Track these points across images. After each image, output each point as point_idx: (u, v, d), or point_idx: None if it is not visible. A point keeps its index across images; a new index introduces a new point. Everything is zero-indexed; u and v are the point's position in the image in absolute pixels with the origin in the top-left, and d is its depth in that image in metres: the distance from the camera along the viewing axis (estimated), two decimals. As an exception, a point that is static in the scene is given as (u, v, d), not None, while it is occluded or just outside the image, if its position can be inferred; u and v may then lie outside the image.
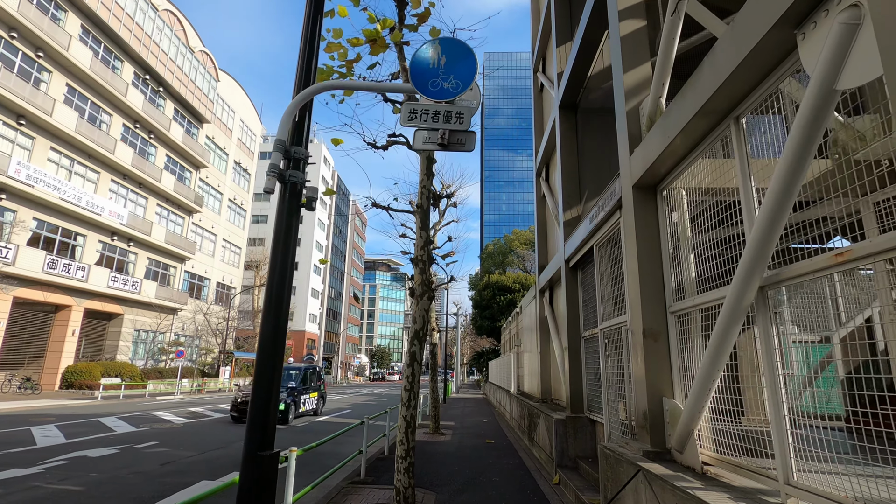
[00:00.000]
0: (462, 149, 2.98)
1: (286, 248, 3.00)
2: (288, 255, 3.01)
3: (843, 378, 2.95)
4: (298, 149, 3.13)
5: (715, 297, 3.75)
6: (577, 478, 6.73)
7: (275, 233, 3.03)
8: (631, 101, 5.19)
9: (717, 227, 3.81)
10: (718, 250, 3.84)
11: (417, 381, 5.83)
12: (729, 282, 3.63)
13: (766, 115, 3.21)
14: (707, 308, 4.04)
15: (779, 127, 3.17)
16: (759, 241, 2.91)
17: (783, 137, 3.01)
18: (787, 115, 3.05)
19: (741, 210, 3.44)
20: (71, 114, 24.97)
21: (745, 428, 3.54)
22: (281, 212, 3.06)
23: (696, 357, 4.18)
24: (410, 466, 5.58)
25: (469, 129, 3.03)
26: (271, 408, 2.77)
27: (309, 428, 14.00)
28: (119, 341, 29.79)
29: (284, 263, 2.99)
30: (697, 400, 3.65)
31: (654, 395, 4.45)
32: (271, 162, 2.98)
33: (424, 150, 3.39)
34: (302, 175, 3.12)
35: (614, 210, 5.71)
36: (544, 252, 11.90)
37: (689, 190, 4.39)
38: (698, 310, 4.19)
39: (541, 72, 12.41)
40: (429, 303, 6.10)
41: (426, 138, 3.04)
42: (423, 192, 6.40)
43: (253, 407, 2.74)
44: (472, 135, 3.05)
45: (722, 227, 3.79)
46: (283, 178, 3.04)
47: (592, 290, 7.21)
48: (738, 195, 3.48)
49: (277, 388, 2.82)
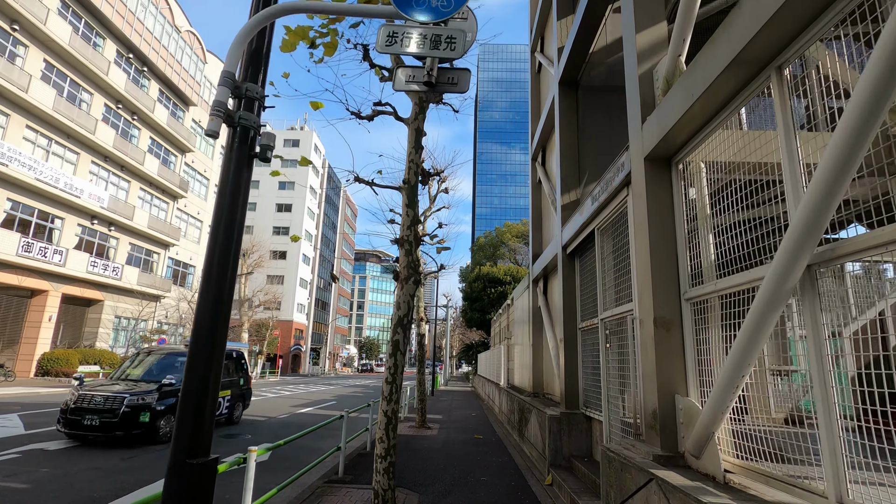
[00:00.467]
0: (454, 89, 2.42)
1: (233, 207, 2.42)
2: (236, 215, 2.44)
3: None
4: (253, 86, 2.54)
5: (742, 281, 3.24)
6: (571, 479, 6.24)
7: (220, 187, 2.46)
8: (644, 63, 4.64)
9: (746, 200, 3.29)
10: (746, 227, 3.32)
11: (400, 372, 5.29)
12: (760, 263, 3.13)
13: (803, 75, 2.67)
14: (730, 294, 3.53)
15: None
16: (814, 205, 2.38)
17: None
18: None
19: (781, 177, 2.92)
20: (48, 91, 23.95)
21: (772, 429, 3.04)
22: (228, 162, 2.48)
23: (715, 349, 3.67)
24: (391, 466, 5.05)
25: (463, 68, 2.47)
26: (206, 405, 2.20)
27: (291, 420, 13.44)
28: (99, 328, 28.91)
29: (231, 225, 2.41)
30: (721, 398, 3.14)
31: (665, 391, 3.94)
32: (216, 98, 2.40)
33: (408, 91, 2.83)
34: (256, 119, 2.54)
35: (621, 187, 5.18)
36: (539, 240, 11.38)
37: (711, 163, 3.87)
38: (718, 296, 3.68)
39: (539, 52, 11.83)
40: (415, 287, 5.54)
41: (410, 76, 2.48)
42: (410, 166, 5.82)
43: (183, 403, 2.18)
44: (467, 73, 2.49)
45: (751, 202, 3.27)
46: (232, 120, 2.46)
47: (592, 277, 6.70)
48: (763, 169, 2.96)
49: (216, 381, 2.26)
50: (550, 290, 10.19)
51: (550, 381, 9.84)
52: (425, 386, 13.09)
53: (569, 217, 7.72)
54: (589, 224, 6.52)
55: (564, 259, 7.86)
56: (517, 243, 52.15)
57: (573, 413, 7.05)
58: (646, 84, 4.58)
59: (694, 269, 4.01)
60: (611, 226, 5.85)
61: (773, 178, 3.07)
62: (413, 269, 5.54)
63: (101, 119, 27.91)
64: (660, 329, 4.06)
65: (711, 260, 3.82)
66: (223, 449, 8.78)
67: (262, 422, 12.89)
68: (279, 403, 18.35)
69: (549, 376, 9.93)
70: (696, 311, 3.93)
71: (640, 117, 4.53)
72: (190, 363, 2.22)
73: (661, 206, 4.30)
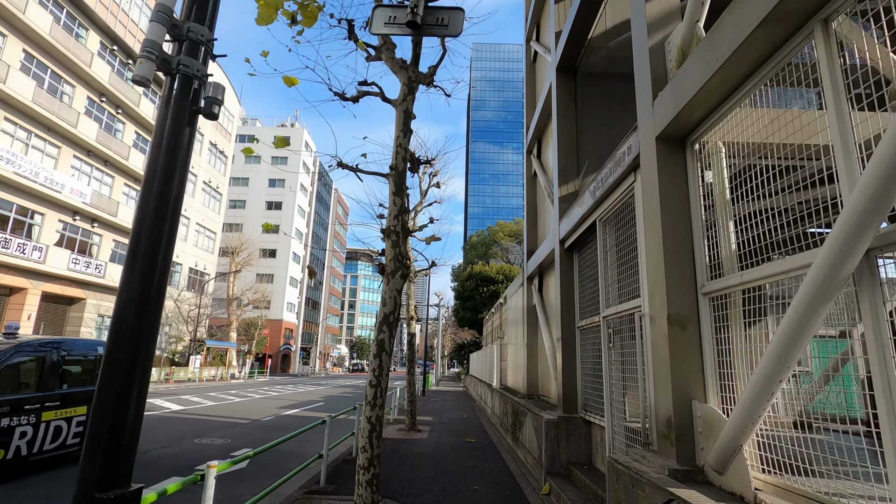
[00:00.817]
0: (444, 32, 1.98)
1: (168, 173, 1.95)
2: (172, 184, 1.96)
3: None
4: (198, 27, 2.07)
5: (776, 271, 2.81)
6: (570, 489, 5.81)
7: (151, 148, 1.98)
8: (655, 35, 4.21)
9: (779, 180, 2.87)
10: (777, 212, 2.90)
11: (386, 374, 4.83)
12: (794, 252, 2.71)
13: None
14: (755, 288, 3.12)
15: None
16: (882, 175, 1.96)
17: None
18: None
19: (825, 150, 2.49)
20: (28, 82, 23.17)
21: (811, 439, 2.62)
22: (163, 118, 2.00)
23: (738, 349, 3.25)
24: (374, 478, 4.59)
25: (455, 7, 2.02)
26: (127, 421, 1.73)
27: (274, 423, 12.92)
28: (81, 327, 28.11)
29: (165, 195, 1.94)
30: (752, 406, 2.72)
31: (680, 397, 3.52)
32: (147, 37, 1.93)
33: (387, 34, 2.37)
34: (201, 67, 2.07)
35: (628, 172, 4.75)
36: (533, 236, 10.95)
37: (732, 142, 3.45)
38: (741, 290, 3.26)
39: (534, 40, 11.40)
40: (402, 282, 5.08)
41: (390, 18, 2.03)
42: (398, 151, 5.36)
43: (95, 421, 1.70)
44: (459, 12, 2.04)
45: (785, 182, 2.85)
46: (170, 66, 1.98)
47: (593, 273, 6.27)
48: (800, 145, 2.53)
49: (141, 391, 1.79)
50: (546, 287, 9.77)
51: (546, 382, 9.42)
52: (415, 387, 12.62)
53: (567, 209, 7.29)
54: (590, 215, 6.09)
55: (562, 254, 7.43)
56: (510, 242, 51.84)
57: (571, 417, 6.62)
58: (657, 57, 4.16)
59: (712, 261, 3.59)
60: (615, 216, 5.42)
61: (812, 153, 2.65)
62: (400, 261, 5.08)
63: (84, 112, 27.11)
64: (674, 327, 3.63)
65: (733, 250, 3.40)
66: (192, 457, 8.25)
67: (244, 424, 12.36)
68: (264, 405, 17.79)
69: (545, 377, 9.51)
70: (716, 307, 3.51)
71: (651, 93, 4.10)
72: (106, 369, 1.75)
73: (676, 191, 3.87)
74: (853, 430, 2.42)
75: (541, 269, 9.92)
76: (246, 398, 20.36)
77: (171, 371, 30.63)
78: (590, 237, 6.50)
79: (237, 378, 38.43)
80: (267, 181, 60.09)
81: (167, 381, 29.49)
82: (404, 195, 5.35)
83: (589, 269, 6.53)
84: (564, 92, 8.12)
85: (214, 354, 39.50)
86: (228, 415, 14.34)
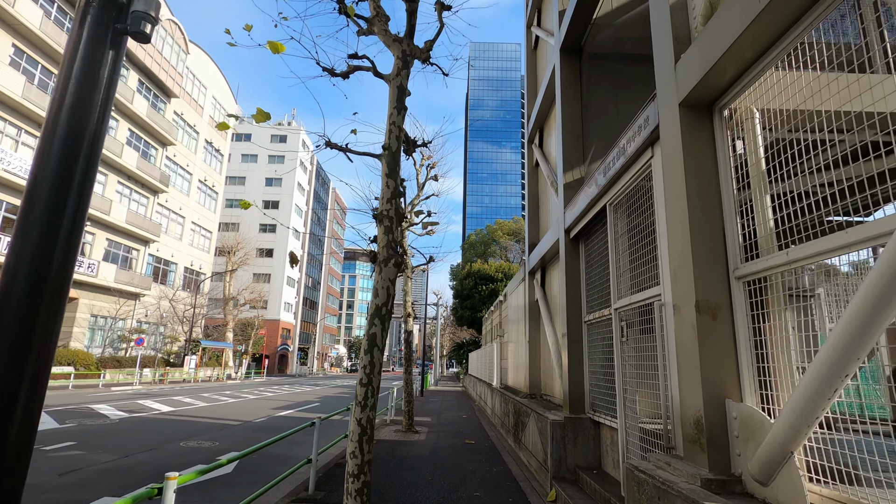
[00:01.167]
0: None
1: (82, 109, 1.49)
2: (86, 122, 1.51)
3: None
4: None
5: (834, 246, 2.37)
6: (579, 495, 5.37)
7: (60, 80, 1.53)
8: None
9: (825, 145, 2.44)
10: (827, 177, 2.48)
11: (377, 371, 4.38)
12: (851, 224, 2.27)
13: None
14: (800, 270, 2.69)
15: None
16: None
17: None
18: None
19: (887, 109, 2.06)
20: (18, 77, 22.74)
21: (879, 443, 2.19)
22: (77, 36, 1.55)
23: (781, 341, 2.82)
24: (365, 487, 4.14)
25: None
26: (10, 432, 1.28)
27: (267, 425, 12.46)
28: (73, 327, 27.63)
29: (75, 137, 1.49)
30: (808, 407, 2.28)
31: (712, 395, 3.08)
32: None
33: None
34: (129, -24, 1.61)
35: (644, 148, 4.31)
36: (535, 228, 10.51)
37: (768, 109, 3.02)
38: (783, 272, 2.83)
39: (535, 25, 10.96)
40: (395, 271, 4.64)
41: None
42: (391, 129, 4.92)
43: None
44: None
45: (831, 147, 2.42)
46: (83, -29, 1.53)
47: (602, 262, 5.83)
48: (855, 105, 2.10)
49: (37, 390, 1.34)
50: (549, 281, 9.33)
51: (549, 381, 8.98)
52: (413, 386, 12.17)
53: (572, 197, 6.85)
54: (599, 200, 5.65)
55: (567, 244, 6.99)
56: (509, 241, 51.45)
57: (579, 418, 6.18)
58: (679, 14, 3.72)
59: (747, 240, 3.15)
60: (627, 199, 4.99)
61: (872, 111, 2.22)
62: (393, 249, 4.64)
63: (75, 108, 26.64)
64: (703, 316, 3.19)
65: (770, 227, 2.97)
66: (174, 462, 7.79)
67: (235, 426, 11.90)
68: (258, 406, 17.33)
69: (548, 376, 9.07)
70: (753, 293, 3.07)
71: (673, 55, 3.65)
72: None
73: (702, 163, 3.43)
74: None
75: (543, 263, 9.48)
76: (240, 399, 19.90)
77: (165, 372, 30.19)
78: (598, 224, 6.06)
79: (233, 379, 37.94)
80: (264, 180, 59.58)
81: (161, 381, 29.03)
82: (398, 177, 4.90)
83: (597, 258, 6.09)
84: (569, 74, 7.68)
85: (210, 355, 39.00)
86: (220, 416, 13.88)
